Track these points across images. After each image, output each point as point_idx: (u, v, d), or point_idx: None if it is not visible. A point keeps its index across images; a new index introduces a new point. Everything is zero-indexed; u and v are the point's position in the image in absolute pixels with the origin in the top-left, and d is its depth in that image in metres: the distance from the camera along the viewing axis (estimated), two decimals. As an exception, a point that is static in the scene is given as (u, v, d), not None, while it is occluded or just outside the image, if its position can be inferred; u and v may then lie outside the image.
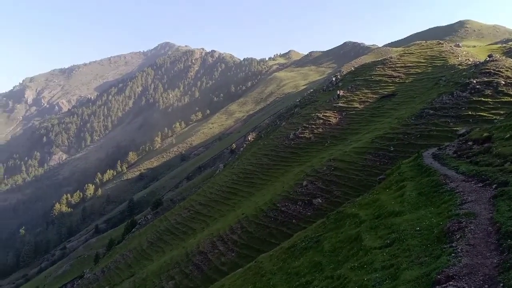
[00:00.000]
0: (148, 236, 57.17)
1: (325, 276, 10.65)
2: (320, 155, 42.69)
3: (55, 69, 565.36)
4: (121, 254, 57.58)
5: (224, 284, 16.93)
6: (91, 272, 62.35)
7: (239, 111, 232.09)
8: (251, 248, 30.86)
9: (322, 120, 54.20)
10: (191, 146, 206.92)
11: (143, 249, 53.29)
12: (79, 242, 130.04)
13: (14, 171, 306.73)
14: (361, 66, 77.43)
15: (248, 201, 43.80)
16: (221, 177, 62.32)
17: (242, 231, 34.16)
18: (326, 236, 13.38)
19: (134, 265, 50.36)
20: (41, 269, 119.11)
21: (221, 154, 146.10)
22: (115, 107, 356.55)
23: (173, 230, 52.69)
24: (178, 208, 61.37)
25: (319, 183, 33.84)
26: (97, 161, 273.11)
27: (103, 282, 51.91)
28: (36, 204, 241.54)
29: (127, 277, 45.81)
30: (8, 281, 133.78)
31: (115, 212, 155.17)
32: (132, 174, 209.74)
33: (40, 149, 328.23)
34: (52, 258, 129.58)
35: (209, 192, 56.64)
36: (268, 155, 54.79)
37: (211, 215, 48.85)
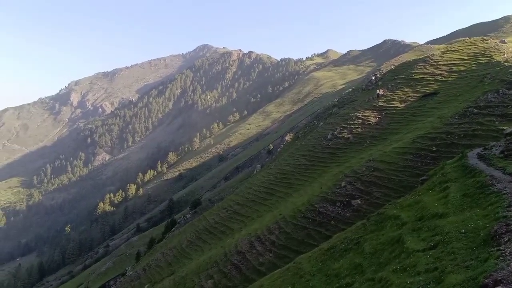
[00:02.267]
0: (187, 235, 58.09)
1: (366, 279, 10.47)
2: (359, 156, 42.02)
3: (99, 73, 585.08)
4: (161, 253, 58.80)
5: (263, 284, 16.96)
6: (133, 269, 64.02)
7: (276, 112, 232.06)
8: (289, 249, 30.78)
9: (361, 120, 53.34)
10: (228, 147, 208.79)
11: (183, 248, 54.19)
12: (121, 240, 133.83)
13: (60, 171, 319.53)
14: (402, 64, 75.63)
15: (286, 201, 43.70)
16: (258, 178, 62.51)
17: (279, 232, 34.13)
18: (367, 238, 13.16)
19: (174, 264, 51.29)
20: (85, 266, 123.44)
21: (259, 154, 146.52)
22: (156, 109, 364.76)
23: (212, 230, 53.30)
24: (216, 208, 62.04)
25: (358, 184, 33.32)
26: (138, 161, 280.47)
27: (144, 279, 53.17)
28: (81, 203, 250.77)
29: (167, 275, 46.72)
30: (55, 277, 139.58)
31: (156, 211, 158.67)
32: (171, 174, 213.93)
33: (84, 150, 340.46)
34: (95, 255, 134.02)
35: (247, 193, 56.92)
36: (306, 156, 54.47)
37: (248, 215, 49.07)
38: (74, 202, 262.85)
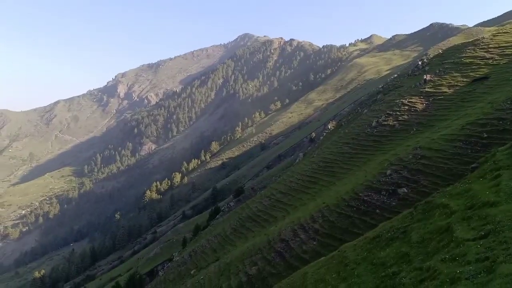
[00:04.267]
0: (231, 222, 59.01)
1: (413, 268, 10.32)
2: (405, 143, 40.94)
3: (144, 65, 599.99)
4: (206, 239, 60.11)
5: (307, 272, 17.04)
6: (180, 255, 65.90)
7: (318, 100, 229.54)
8: (333, 237, 30.64)
9: (407, 107, 51.80)
10: (270, 136, 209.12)
11: (227, 235, 55.13)
12: (168, 227, 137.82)
13: (109, 161, 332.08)
14: (450, 48, 72.55)
15: (329, 190, 43.39)
16: (300, 166, 62.31)
17: (323, 220, 33.99)
18: (414, 227, 12.90)
19: (219, 250, 52.33)
20: (134, 251, 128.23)
21: (301, 143, 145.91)
22: (198, 99, 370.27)
23: (255, 218, 53.83)
24: (259, 196, 62.49)
25: (404, 172, 32.53)
26: (182, 150, 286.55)
27: (190, 265, 54.64)
28: (129, 191, 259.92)
29: (212, 261, 47.76)
30: (106, 261, 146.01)
31: (200, 199, 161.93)
32: (215, 163, 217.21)
33: (131, 140, 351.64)
34: (144, 241, 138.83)
35: (289, 181, 56.91)
36: (349, 144, 53.67)
37: (291, 203, 49.13)
38: (123, 190, 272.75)
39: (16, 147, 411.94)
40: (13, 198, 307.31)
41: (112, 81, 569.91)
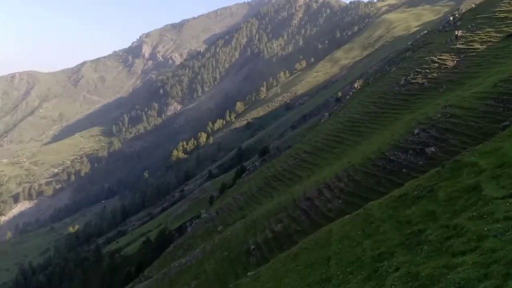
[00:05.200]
0: (256, 181, 59.86)
1: (439, 225, 10.39)
2: (434, 102, 39.95)
3: (167, 24, 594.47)
4: (232, 197, 61.40)
5: (332, 229, 17.35)
6: (207, 212, 67.76)
7: (345, 58, 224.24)
8: (358, 196, 30.81)
9: (437, 64, 50.15)
10: (295, 95, 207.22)
11: (253, 194, 56.11)
12: (195, 186, 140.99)
13: (136, 121, 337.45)
14: (483, 2, 68.94)
15: (355, 150, 43.22)
16: (326, 126, 61.98)
17: (348, 179, 34.11)
18: (441, 186, 12.86)
19: (245, 208, 53.49)
20: (163, 208, 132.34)
21: (326, 102, 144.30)
22: (223, 59, 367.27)
23: (280, 177, 54.40)
24: (284, 156, 62.85)
25: (432, 131, 31.97)
26: (207, 110, 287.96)
27: (217, 222, 56.23)
28: (156, 151, 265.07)
29: (239, 218, 48.96)
30: (136, 218, 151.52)
31: (226, 158, 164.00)
32: (240, 123, 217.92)
33: (157, 101, 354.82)
34: (172, 199, 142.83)
35: (314, 141, 56.84)
36: (376, 103, 52.77)
37: (316, 163, 49.27)
38: (150, 149, 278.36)
39: (46, 108, 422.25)
40: (46, 156, 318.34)
41: (136, 41, 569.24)
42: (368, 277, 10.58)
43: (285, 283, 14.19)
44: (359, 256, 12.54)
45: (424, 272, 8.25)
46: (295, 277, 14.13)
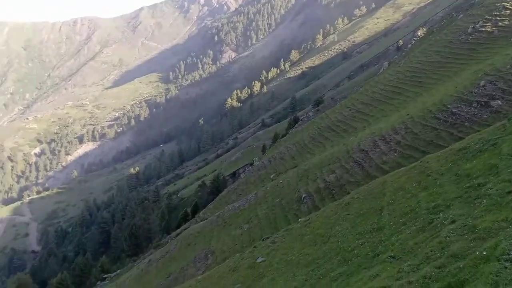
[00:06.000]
0: (309, 131, 59.70)
1: (501, 179, 10.05)
2: (503, 52, 37.15)
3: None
4: (285, 147, 61.90)
5: (386, 180, 17.22)
6: (260, 160, 69.02)
7: (408, 4, 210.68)
8: (415, 149, 30.05)
9: (509, 11, 46.09)
10: (353, 44, 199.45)
11: (305, 144, 56.20)
12: (248, 134, 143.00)
13: (192, 68, 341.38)
14: None
15: (414, 101, 41.64)
16: (385, 76, 59.74)
17: (406, 132, 33.18)
18: (506, 139, 12.27)
19: (297, 157, 53.90)
20: (217, 155, 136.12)
21: (386, 51, 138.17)
22: (278, 5, 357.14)
23: (334, 128, 53.85)
24: (339, 107, 61.78)
25: (500, 83, 29.98)
26: (262, 59, 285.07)
27: (269, 169, 57.26)
28: (211, 98, 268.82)
29: (291, 167, 49.56)
30: (192, 163, 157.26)
31: (279, 108, 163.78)
32: (294, 72, 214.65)
33: (212, 48, 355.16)
34: (226, 146, 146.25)
35: (372, 91, 55.18)
36: (440, 52, 49.84)
37: (373, 114, 48.13)
38: (206, 97, 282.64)
39: (106, 53, 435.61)
40: (107, 101, 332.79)
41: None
42: (422, 229, 10.59)
43: (335, 230, 14.48)
44: (413, 207, 12.48)
45: (482, 225, 8.15)
46: (346, 225, 14.38)
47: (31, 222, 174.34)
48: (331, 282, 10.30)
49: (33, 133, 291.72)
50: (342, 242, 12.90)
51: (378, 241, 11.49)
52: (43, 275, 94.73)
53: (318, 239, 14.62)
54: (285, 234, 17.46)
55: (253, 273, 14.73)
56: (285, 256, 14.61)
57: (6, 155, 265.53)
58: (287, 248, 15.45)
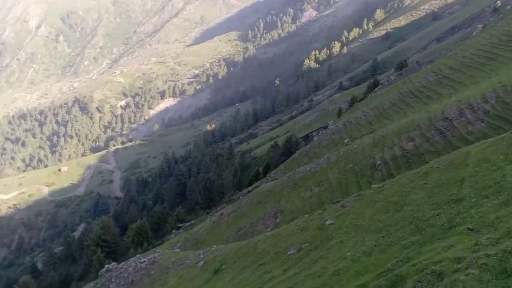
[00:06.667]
0: (390, 96, 57.32)
1: None
2: None
3: None
4: (362, 111, 60.15)
5: (469, 151, 16.20)
6: (334, 124, 67.91)
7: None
8: (505, 120, 27.77)
9: None
10: (445, 3, 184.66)
11: (384, 109, 54.18)
12: (324, 96, 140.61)
13: (271, 27, 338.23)
14: None
15: (509, 68, 38.18)
16: (477, 40, 55.03)
17: (496, 101, 30.66)
18: None
19: (374, 123, 52.25)
20: (291, 116, 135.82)
21: (481, 13, 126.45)
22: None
23: (417, 93, 51.20)
24: (424, 71, 58.37)
25: None
26: (343, 18, 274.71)
27: (344, 134, 56.24)
28: (289, 58, 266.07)
29: (366, 132, 48.24)
30: (266, 123, 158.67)
31: (359, 71, 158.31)
32: (377, 33, 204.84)
33: (293, 6, 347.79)
34: (300, 108, 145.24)
35: (462, 56, 51.29)
36: (547, 14, 44.78)
37: (461, 81, 44.96)
38: (283, 57, 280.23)
39: (189, 10, 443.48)
40: (188, 58, 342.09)
41: None
42: (505, 203, 9.95)
43: (410, 199, 14.02)
44: (498, 180, 11.71)
45: None
46: (422, 195, 13.85)
47: (115, 170, 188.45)
48: (402, 249, 10.09)
49: (119, 86, 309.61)
50: (417, 212, 12.49)
51: (455, 213, 10.99)
52: (124, 219, 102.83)
53: (391, 206, 14.27)
54: (357, 199, 17.25)
55: (321, 234, 14.84)
56: (355, 220, 14.50)
57: (95, 106, 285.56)
58: (357, 213, 15.29)
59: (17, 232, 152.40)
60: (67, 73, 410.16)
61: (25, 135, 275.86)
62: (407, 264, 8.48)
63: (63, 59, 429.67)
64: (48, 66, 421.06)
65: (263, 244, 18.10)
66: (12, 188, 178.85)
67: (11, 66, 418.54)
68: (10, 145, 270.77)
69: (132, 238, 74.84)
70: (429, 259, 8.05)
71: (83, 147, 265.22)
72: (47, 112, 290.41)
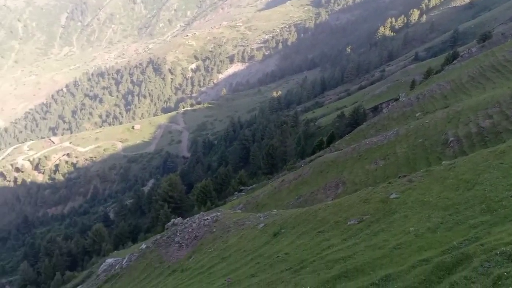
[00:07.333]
0: (469, 70, 53.77)
1: None
2: None
3: None
4: (437, 84, 57.02)
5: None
6: (406, 96, 65.08)
7: None
8: None
9: None
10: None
11: (462, 83, 51.03)
12: (397, 67, 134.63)
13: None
14: None
15: None
16: None
17: None
18: None
19: (450, 97, 49.48)
20: (361, 86, 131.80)
21: None
22: None
23: (500, 68, 47.58)
24: (510, 44, 53.91)
25: None
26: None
27: (416, 107, 53.82)
28: (362, 26, 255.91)
29: (441, 107, 45.87)
30: (333, 92, 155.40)
31: (437, 41, 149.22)
32: (461, 1, 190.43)
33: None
34: (371, 78, 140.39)
35: (558, 28, 46.60)
36: None
37: (553, 56, 41.08)
38: (356, 24, 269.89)
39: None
40: (258, 23, 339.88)
41: None
42: None
43: (483, 178, 13.34)
44: None
45: None
46: (497, 174, 13.12)
47: (184, 130, 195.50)
48: (470, 229, 9.72)
49: (191, 49, 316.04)
50: (489, 191, 11.89)
51: (533, 196, 10.35)
52: (190, 178, 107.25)
53: (461, 184, 13.68)
54: (425, 175, 16.68)
55: (384, 207, 14.63)
56: (421, 196, 14.09)
57: (167, 68, 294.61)
58: (425, 188, 14.83)
59: (93, 183, 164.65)
60: (143, 34, 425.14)
61: (102, 93, 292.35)
62: (475, 243, 8.19)
63: (140, 20, 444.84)
64: (125, 27, 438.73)
65: (323, 213, 18.19)
66: (90, 142, 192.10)
67: (91, 25, 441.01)
68: (89, 101, 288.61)
69: (197, 196, 78.26)
70: (499, 240, 7.72)
71: (155, 107, 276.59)
72: (123, 72, 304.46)
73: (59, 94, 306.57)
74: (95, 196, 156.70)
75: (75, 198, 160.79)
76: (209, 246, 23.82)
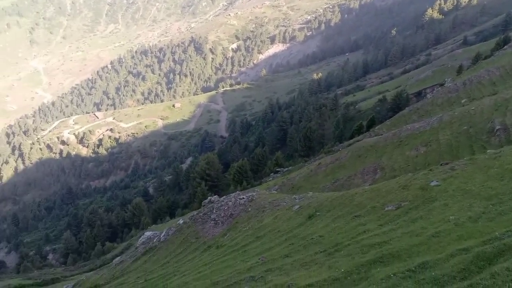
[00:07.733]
0: (522, 56, 51.08)
1: None
2: None
3: None
4: (486, 70, 54.61)
5: None
6: (452, 81, 62.73)
7: None
8: None
9: None
10: None
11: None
12: (444, 51, 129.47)
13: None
14: None
15: None
16: None
17: None
18: None
19: (499, 84, 47.35)
20: (405, 70, 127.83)
21: None
22: None
23: (557, 54, 44.89)
24: None
25: None
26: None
27: (462, 94, 51.88)
28: (409, 7, 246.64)
29: (488, 94, 44.00)
30: (376, 75, 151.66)
31: (488, 25, 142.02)
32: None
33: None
34: (416, 62, 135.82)
35: None
36: None
37: None
38: (403, 5, 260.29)
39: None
40: (301, 2, 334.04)
41: None
42: None
43: (531, 169, 12.79)
44: None
45: None
46: (546, 166, 12.54)
47: (222, 110, 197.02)
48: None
49: (232, 29, 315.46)
50: (537, 183, 11.42)
51: None
52: (227, 158, 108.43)
53: (507, 174, 13.17)
54: (468, 163, 16.15)
55: (423, 195, 14.32)
56: (463, 185, 13.68)
57: (209, 47, 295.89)
58: (467, 177, 14.38)
59: (134, 158, 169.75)
60: (186, 13, 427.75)
61: (145, 70, 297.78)
62: (519, 235, 7.93)
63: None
64: (169, 5, 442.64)
65: (360, 197, 18.03)
66: (132, 118, 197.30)
67: (136, 3, 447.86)
68: (132, 78, 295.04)
69: (233, 175, 79.19)
70: (545, 233, 7.42)
71: (195, 86, 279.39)
72: (166, 50, 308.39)
73: (104, 71, 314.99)
74: (135, 171, 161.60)
75: (116, 172, 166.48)
76: (244, 225, 24.19)
